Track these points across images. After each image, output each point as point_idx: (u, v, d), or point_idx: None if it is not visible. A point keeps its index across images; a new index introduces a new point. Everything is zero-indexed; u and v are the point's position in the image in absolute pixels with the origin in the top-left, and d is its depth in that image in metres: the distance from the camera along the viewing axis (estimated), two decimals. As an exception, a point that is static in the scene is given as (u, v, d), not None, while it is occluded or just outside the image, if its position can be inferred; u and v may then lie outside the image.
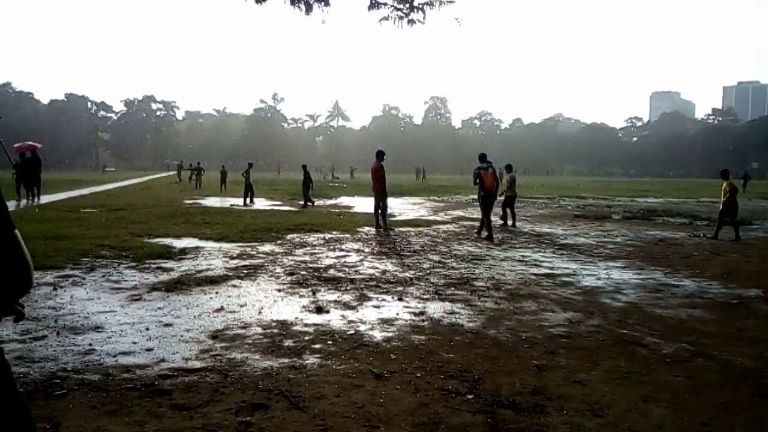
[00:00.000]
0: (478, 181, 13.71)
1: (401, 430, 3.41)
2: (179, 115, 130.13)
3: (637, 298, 7.21)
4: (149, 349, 4.75)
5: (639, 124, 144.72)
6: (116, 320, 5.60)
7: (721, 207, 14.61)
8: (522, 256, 10.60)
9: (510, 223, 16.02)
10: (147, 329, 5.32)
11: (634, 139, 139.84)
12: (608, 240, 13.32)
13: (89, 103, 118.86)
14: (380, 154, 15.17)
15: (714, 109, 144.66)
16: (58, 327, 5.30)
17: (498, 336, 5.40)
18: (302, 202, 22.31)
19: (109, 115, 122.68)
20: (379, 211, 14.53)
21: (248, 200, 22.91)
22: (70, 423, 3.36)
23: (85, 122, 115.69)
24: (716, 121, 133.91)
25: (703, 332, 5.71)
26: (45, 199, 21.53)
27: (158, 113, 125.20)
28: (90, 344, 4.83)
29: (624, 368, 4.59)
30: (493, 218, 13.90)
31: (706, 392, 4.16)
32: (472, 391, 4.03)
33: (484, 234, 13.25)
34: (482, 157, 13.98)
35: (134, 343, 4.92)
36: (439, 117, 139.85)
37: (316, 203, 23.17)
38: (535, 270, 9.09)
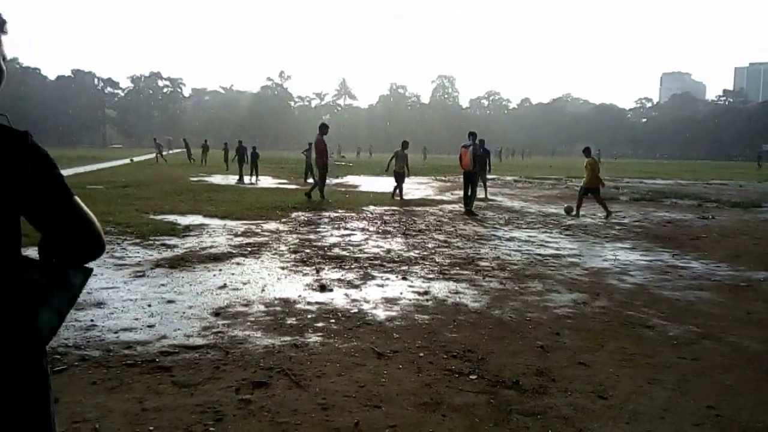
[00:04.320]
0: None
1: (403, 410, 3.37)
2: (186, 92, 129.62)
3: (644, 280, 7.13)
4: (151, 326, 4.72)
5: (649, 105, 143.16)
6: (119, 296, 5.58)
7: (583, 184, 14.61)
8: (528, 236, 10.52)
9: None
10: (149, 306, 5.30)
11: (644, 120, 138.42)
12: (616, 221, 13.21)
13: (96, 79, 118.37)
14: (323, 128, 15.59)
15: (725, 91, 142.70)
16: (60, 302, 5.28)
17: (502, 316, 5.35)
18: (310, 180, 22.30)
19: (115, 91, 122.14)
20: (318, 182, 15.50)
21: (254, 178, 22.95)
22: (69, 398, 3.34)
23: (91, 98, 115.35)
24: (727, 103, 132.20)
25: (710, 314, 5.64)
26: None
27: (165, 90, 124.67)
28: (92, 320, 4.81)
29: (629, 350, 4.54)
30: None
31: (713, 375, 4.10)
32: (475, 371, 3.99)
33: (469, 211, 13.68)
34: (470, 135, 14.17)
35: (136, 319, 4.89)
36: (446, 96, 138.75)
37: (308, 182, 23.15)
38: (541, 250, 9.01)
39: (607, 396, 3.66)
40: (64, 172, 1.45)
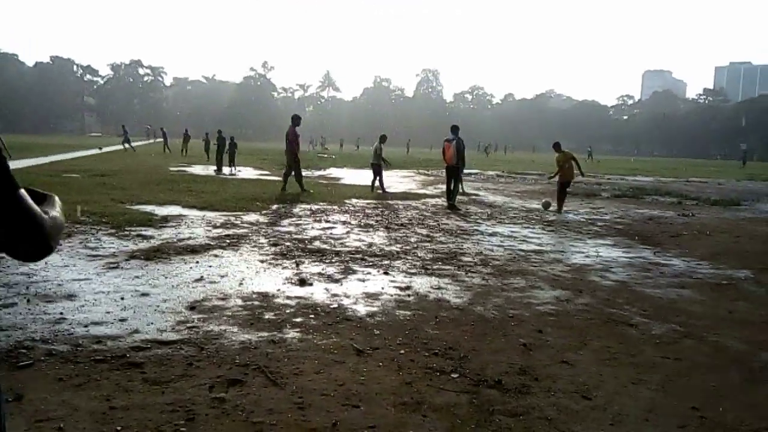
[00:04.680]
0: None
1: (382, 410, 3.27)
2: (167, 81, 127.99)
3: (626, 277, 7.10)
4: (123, 320, 4.56)
5: (630, 102, 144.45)
6: (90, 288, 5.40)
7: (559, 180, 14.45)
8: (511, 231, 10.47)
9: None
10: (122, 298, 5.12)
11: (625, 117, 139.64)
12: (597, 217, 13.22)
13: (75, 67, 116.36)
14: (295, 119, 15.52)
15: (705, 89, 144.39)
16: (29, 294, 5.09)
17: (485, 313, 5.27)
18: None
19: (95, 79, 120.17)
20: (292, 174, 15.36)
21: (233, 168, 22.82)
22: (33, 395, 3.19)
23: (70, 86, 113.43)
24: (707, 101, 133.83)
25: (692, 313, 5.62)
26: (27, 162, 21.10)
27: (145, 78, 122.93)
28: (61, 313, 4.64)
29: (613, 349, 4.48)
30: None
31: (696, 375, 4.06)
32: (457, 369, 3.90)
33: (451, 206, 13.65)
34: (453, 129, 14.15)
35: (108, 312, 4.72)
36: (431, 90, 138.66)
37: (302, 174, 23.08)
38: (523, 246, 8.96)
39: (591, 396, 3.60)
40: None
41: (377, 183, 17.03)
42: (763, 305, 6.09)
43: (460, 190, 16.39)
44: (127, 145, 36.86)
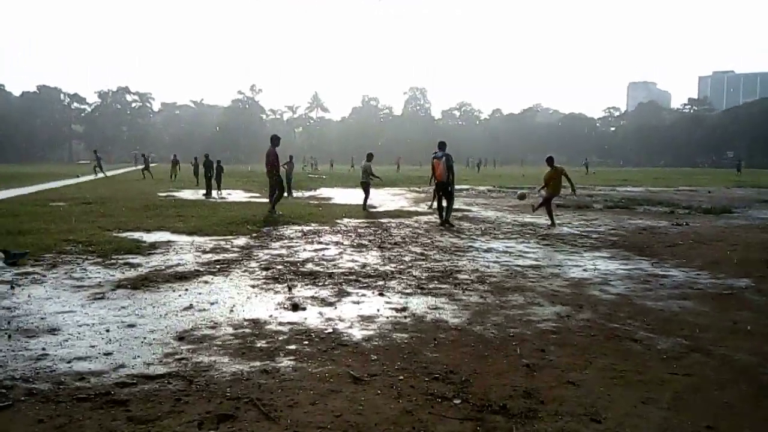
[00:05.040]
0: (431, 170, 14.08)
1: (383, 442, 3.08)
2: (155, 106, 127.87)
3: (626, 290, 6.96)
4: (108, 354, 4.36)
5: (616, 114, 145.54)
6: (74, 321, 5.19)
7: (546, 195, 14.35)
8: (506, 246, 10.33)
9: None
10: (107, 331, 4.92)
11: (612, 128, 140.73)
12: (591, 230, 13.13)
13: (62, 95, 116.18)
14: (274, 139, 15.41)
15: (690, 99, 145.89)
16: (10, 329, 4.88)
17: (484, 333, 5.10)
18: (293, 194, 23.23)
19: (82, 107, 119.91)
20: (274, 196, 15.23)
21: (222, 192, 22.70)
22: (9, 442, 2.98)
23: (58, 114, 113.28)
24: (692, 111, 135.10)
25: (696, 325, 5.47)
26: (14, 192, 20.84)
27: (133, 105, 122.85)
28: (43, 348, 4.43)
29: (619, 366, 4.32)
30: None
31: (708, 391, 3.90)
32: (459, 395, 3.72)
33: (444, 222, 13.52)
34: (441, 146, 13.99)
35: (92, 346, 4.52)
36: (418, 108, 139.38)
37: (294, 195, 23.01)
38: (520, 261, 8.82)
39: (601, 419, 3.43)
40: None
41: (373, 201, 17.12)
42: (766, 315, 5.96)
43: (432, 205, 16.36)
44: (98, 170, 36.80)
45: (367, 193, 17.36)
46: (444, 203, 13.82)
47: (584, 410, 3.54)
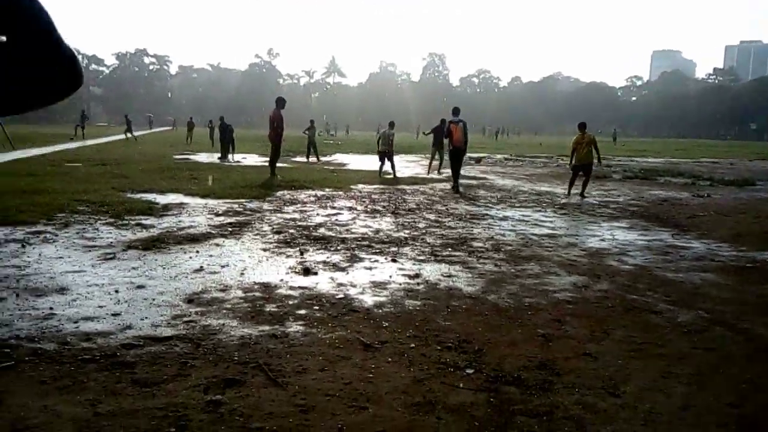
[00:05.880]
0: (447, 135, 13.93)
1: (393, 411, 2.99)
2: (173, 69, 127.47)
3: (645, 261, 6.79)
4: (116, 314, 4.29)
5: (639, 83, 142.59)
6: (84, 281, 5.13)
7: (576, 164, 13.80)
8: (522, 215, 10.15)
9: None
10: (116, 291, 4.86)
11: (634, 98, 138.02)
12: (610, 200, 12.88)
13: (81, 56, 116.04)
14: (280, 102, 15.14)
15: (715, 69, 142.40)
16: (19, 288, 4.84)
17: (499, 302, 4.97)
18: (314, 159, 23.11)
19: (100, 68, 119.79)
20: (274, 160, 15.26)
21: (229, 155, 22.60)
22: (13, 401, 2.93)
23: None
24: (717, 81, 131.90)
25: (718, 298, 5.30)
26: (32, 152, 20.92)
27: (151, 67, 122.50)
28: (51, 308, 4.38)
29: (638, 339, 4.18)
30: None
31: (731, 367, 3.76)
32: (472, 364, 3.61)
33: (456, 189, 13.46)
34: (455, 111, 13.96)
35: (100, 307, 4.46)
36: (437, 74, 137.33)
37: (310, 160, 22.92)
38: (536, 230, 8.65)
39: (619, 393, 3.30)
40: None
41: (387, 168, 16.76)
42: (792, 289, 5.76)
43: (439, 170, 16.10)
44: (129, 135, 36.61)
45: (382, 161, 16.93)
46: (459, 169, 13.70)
47: (602, 383, 3.42)
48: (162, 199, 10.37)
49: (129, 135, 36.22)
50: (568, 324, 4.47)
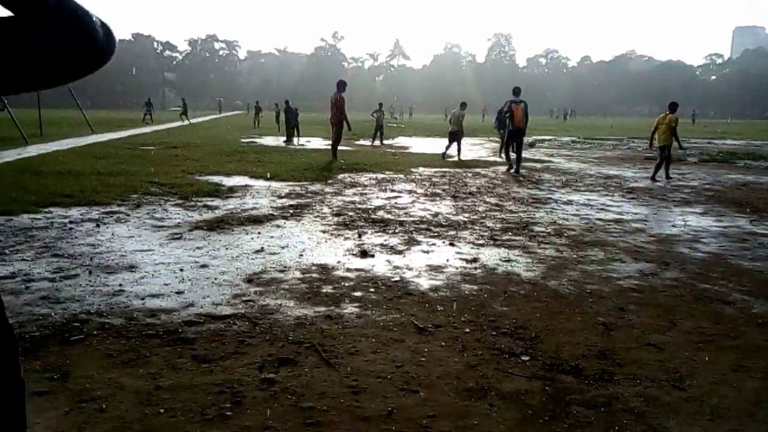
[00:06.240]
0: (507, 114, 13.67)
1: (444, 396, 2.96)
2: (241, 54, 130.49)
3: (719, 249, 6.43)
4: (179, 292, 4.45)
5: (719, 61, 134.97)
6: (152, 260, 5.34)
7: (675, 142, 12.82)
8: (587, 199, 9.83)
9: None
10: (181, 270, 5.03)
11: (713, 77, 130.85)
12: (684, 184, 12.28)
13: (155, 43, 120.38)
14: (341, 85, 15.15)
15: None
16: (91, 265, 5.09)
17: (559, 288, 4.83)
18: (378, 142, 23.21)
19: (174, 54, 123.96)
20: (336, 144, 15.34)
21: (294, 138, 23.02)
22: (79, 373, 3.08)
23: (151, 62, 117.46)
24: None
25: (800, 290, 4.96)
26: (109, 136, 21.92)
27: (221, 53, 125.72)
28: (120, 285, 4.58)
29: (708, 330, 3.97)
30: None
31: (810, 363, 3.51)
32: (527, 351, 3.53)
33: (512, 169, 13.51)
34: (516, 91, 13.79)
35: (165, 284, 4.63)
36: (503, 55, 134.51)
37: (374, 143, 23.01)
38: (602, 215, 8.35)
39: (684, 386, 3.15)
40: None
41: (451, 150, 16.73)
42: None
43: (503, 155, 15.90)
44: (184, 118, 38.03)
45: (451, 142, 16.94)
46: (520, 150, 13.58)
47: (666, 375, 3.27)
48: (228, 182, 10.66)
49: (184, 118, 37.67)
50: (632, 313, 4.30)
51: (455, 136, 16.82)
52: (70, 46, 0.91)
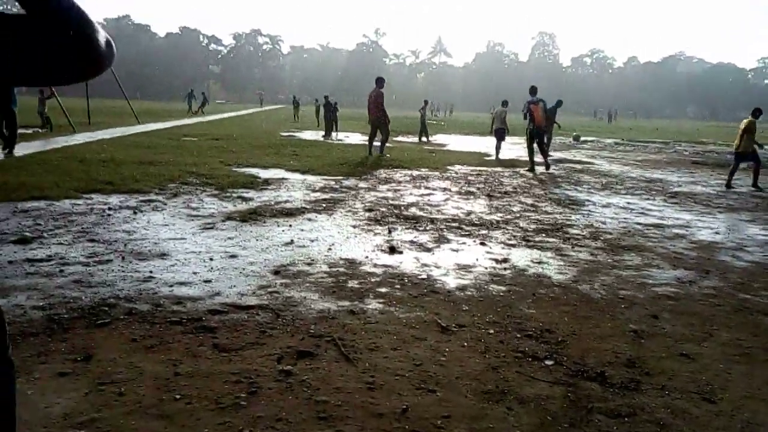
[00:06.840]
0: (527, 115, 13.51)
1: (460, 397, 2.90)
2: (284, 49, 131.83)
3: (764, 258, 6.18)
4: (207, 281, 4.49)
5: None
6: (183, 248, 5.42)
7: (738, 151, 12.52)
8: (627, 203, 9.57)
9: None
10: (211, 259, 5.09)
11: (766, 81, 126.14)
12: (731, 190, 11.85)
13: (201, 37, 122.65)
14: (380, 81, 15.05)
15: None
16: (125, 252, 5.19)
17: (590, 292, 4.70)
18: (425, 138, 23.23)
19: (219, 48, 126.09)
20: (374, 140, 15.31)
21: (333, 133, 23.17)
22: (103, 356, 3.13)
23: (197, 55, 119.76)
24: None
25: None
26: (154, 126, 22.41)
27: (264, 47, 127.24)
28: (151, 271, 4.65)
29: (745, 342, 3.80)
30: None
31: None
32: (552, 356, 3.44)
33: (541, 169, 13.48)
34: (533, 90, 13.65)
35: (194, 273, 4.68)
36: (546, 54, 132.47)
37: (422, 139, 23.10)
38: (641, 219, 8.12)
39: (715, 399, 3.02)
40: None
41: (491, 149, 16.77)
42: None
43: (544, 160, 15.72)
44: (200, 111, 38.83)
45: (499, 141, 16.88)
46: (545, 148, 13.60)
47: (697, 387, 3.14)
48: (264, 174, 10.76)
49: (200, 111, 38.47)
50: (666, 321, 4.15)
51: (500, 134, 16.72)
52: (69, 47, 0.93)
